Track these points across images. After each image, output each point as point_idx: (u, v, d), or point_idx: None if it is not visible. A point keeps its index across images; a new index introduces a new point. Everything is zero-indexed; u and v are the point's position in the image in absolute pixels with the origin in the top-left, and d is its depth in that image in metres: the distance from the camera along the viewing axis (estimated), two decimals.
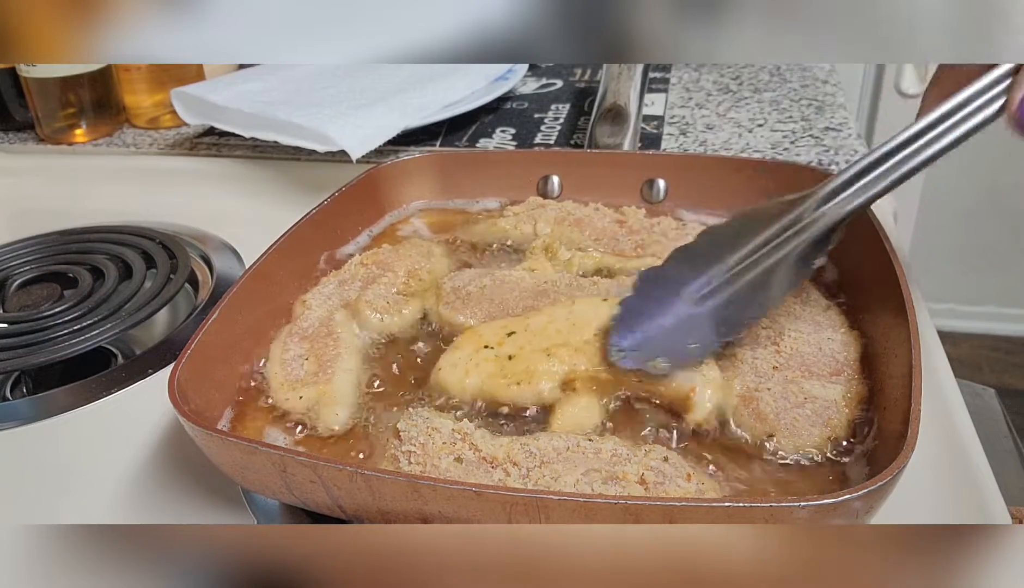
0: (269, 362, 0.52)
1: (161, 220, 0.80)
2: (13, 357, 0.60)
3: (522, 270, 0.60)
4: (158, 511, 0.46)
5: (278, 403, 0.49)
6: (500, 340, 0.50)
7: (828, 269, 0.59)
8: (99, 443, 0.52)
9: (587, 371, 0.48)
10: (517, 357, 0.49)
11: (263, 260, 0.56)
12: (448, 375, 0.49)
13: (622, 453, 0.41)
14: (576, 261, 0.62)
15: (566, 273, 0.59)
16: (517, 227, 0.66)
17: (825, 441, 0.43)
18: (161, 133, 1.00)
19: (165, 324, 0.67)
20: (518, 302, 0.55)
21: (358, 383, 0.51)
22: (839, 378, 0.47)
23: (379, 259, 0.61)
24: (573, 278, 0.58)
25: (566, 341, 0.49)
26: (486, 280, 0.58)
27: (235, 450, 0.39)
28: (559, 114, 0.98)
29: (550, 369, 0.48)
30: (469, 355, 0.50)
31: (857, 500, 0.33)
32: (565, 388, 0.48)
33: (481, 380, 0.48)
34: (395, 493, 0.36)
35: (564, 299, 0.54)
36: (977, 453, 0.45)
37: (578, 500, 0.34)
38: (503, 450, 0.42)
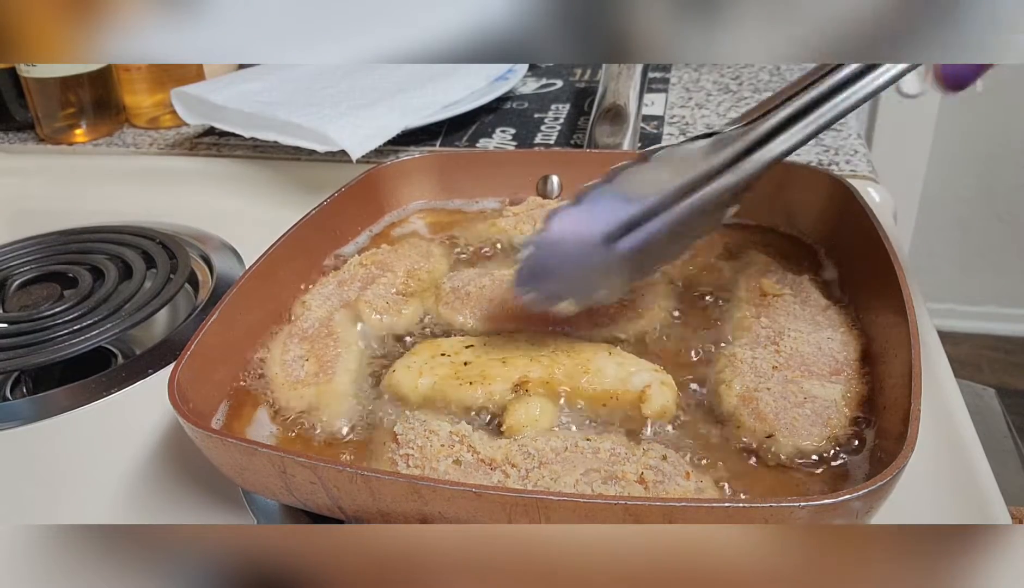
0: (269, 362, 0.52)
1: (161, 220, 0.80)
2: (13, 357, 0.60)
3: None
4: (158, 511, 0.46)
5: (279, 403, 0.49)
6: (458, 350, 0.51)
7: (828, 269, 0.59)
8: (99, 443, 0.52)
9: (541, 376, 0.48)
10: (473, 363, 0.49)
11: (263, 260, 0.56)
12: (402, 376, 0.49)
13: (621, 452, 0.41)
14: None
15: None
16: (517, 227, 0.66)
17: (825, 441, 0.43)
18: (161, 133, 1.00)
19: (165, 324, 0.67)
20: (518, 302, 0.55)
21: (358, 383, 0.51)
22: (839, 378, 0.47)
23: (378, 259, 0.61)
24: None
25: (524, 354, 0.49)
26: (485, 280, 0.58)
27: (235, 451, 0.39)
28: (559, 114, 0.98)
29: (504, 373, 0.48)
30: (425, 359, 0.50)
31: (857, 500, 0.33)
32: (518, 390, 0.47)
33: (434, 381, 0.48)
34: (395, 494, 0.36)
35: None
36: (977, 453, 0.45)
37: (578, 501, 0.34)
38: (502, 452, 0.42)
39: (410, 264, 0.61)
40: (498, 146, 0.89)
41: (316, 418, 0.48)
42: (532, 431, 0.45)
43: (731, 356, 0.49)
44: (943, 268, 2.21)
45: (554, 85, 1.09)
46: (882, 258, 0.51)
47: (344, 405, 0.49)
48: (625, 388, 0.47)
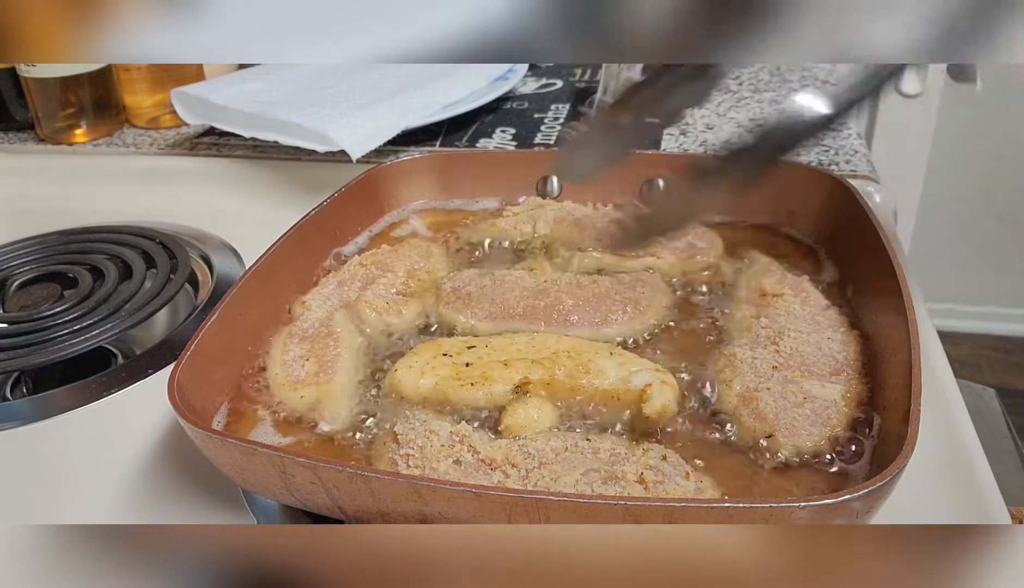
0: (270, 363, 0.52)
1: (161, 220, 0.80)
2: (13, 357, 0.60)
3: (521, 270, 0.60)
4: (158, 511, 0.46)
5: (279, 403, 0.49)
6: (460, 351, 0.51)
7: (828, 269, 0.59)
8: (99, 443, 0.52)
9: (542, 378, 0.48)
10: (474, 364, 0.49)
11: (263, 260, 0.56)
12: (404, 375, 0.49)
13: (620, 452, 0.41)
14: (576, 261, 0.62)
15: (565, 273, 0.59)
16: (516, 227, 0.66)
17: (825, 441, 0.43)
18: (161, 133, 1.00)
19: (165, 324, 0.67)
20: (518, 302, 0.55)
21: (359, 383, 0.51)
22: (839, 378, 0.47)
23: (378, 259, 0.61)
24: (573, 276, 0.58)
25: (524, 356, 0.49)
26: (486, 280, 0.58)
27: (235, 451, 0.39)
28: (559, 114, 0.98)
29: (505, 375, 0.48)
30: (427, 360, 0.50)
31: (857, 500, 0.33)
32: (518, 391, 0.47)
33: (435, 381, 0.48)
34: (395, 494, 0.36)
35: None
36: (977, 453, 0.45)
37: (578, 501, 0.34)
38: (502, 452, 0.42)
39: (410, 264, 0.61)
40: (498, 146, 0.89)
41: (317, 417, 0.48)
42: (532, 431, 0.45)
43: (731, 356, 0.49)
44: (943, 268, 2.21)
45: (554, 85, 1.08)
46: (882, 258, 0.51)
47: (345, 405, 0.49)
48: (626, 388, 0.47)
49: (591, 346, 0.50)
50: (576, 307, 0.55)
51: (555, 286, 0.56)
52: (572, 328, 0.54)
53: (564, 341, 0.51)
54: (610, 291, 0.55)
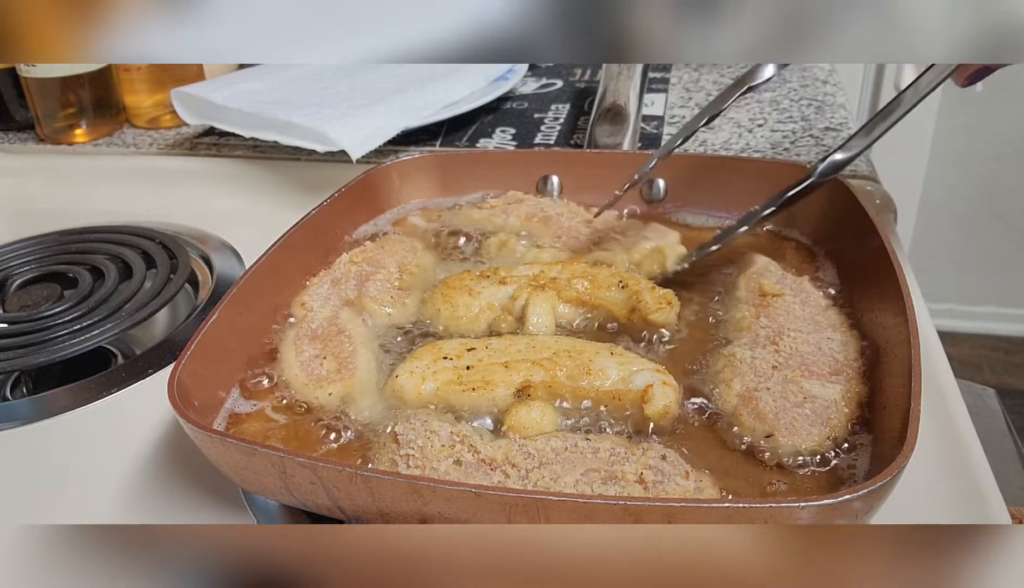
0: (283, 365, 0.52)
1: (161, 220, 0.80)
2: (13, 357, 0.60)
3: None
4: (158, 511, 0.46)
5: (305, 402, 0.49)
6: (460, 353, 0.51)
7: (828, 269, 0.59)
8: (99, 443, 0.52)
9: (543, 381, 0.48)
10: (475, 368, 0.49)
11: (263, 260, 0.56)
12: (405, 381, 0.49)
13: (620, 452, 0.41)
14: (531, 255, 0.63)
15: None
16: (489, 218, 0.68)
17: (824, 440, 0.43)
18: (161, 133, 1.00)
19: (165, 324, 0.67)
20: None
21: (380, 374, 0.51)
22: (839, 378, 0.47)
23: (368, 256, 0.62)
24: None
25: (525, 357, 0.49)
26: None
27: (234, 451, 0.39)
28: (559, 114, 0.98)
29: (507, 378, 0.48)
30: (427, 364, 0.50)
31: (857, 500, 0.33)
32: (520, 395, 0.47)
33: (437, 386, 0.48)
34: (395, 494, 0.36)
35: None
36: (977, 453, 0.45)
37: (578, 501, 0.34)
38: (502, 452, 0.42)
39: (399, 259, 0.62)
40: (498, 146, 0.89)
41: (351, 411, 0.48)
42: (533, 432, 0.45)
43: (731, 356, 0.49)
44: (943, 268, 2.21)
45: (554, 85, 1.08)
46: (882, 258, 0.51)
47: (371, 397, 0.49)
48: (627, 388, 0.47)
49: (592, 346, 0.50)
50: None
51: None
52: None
53: (564, 341, 0.51)
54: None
